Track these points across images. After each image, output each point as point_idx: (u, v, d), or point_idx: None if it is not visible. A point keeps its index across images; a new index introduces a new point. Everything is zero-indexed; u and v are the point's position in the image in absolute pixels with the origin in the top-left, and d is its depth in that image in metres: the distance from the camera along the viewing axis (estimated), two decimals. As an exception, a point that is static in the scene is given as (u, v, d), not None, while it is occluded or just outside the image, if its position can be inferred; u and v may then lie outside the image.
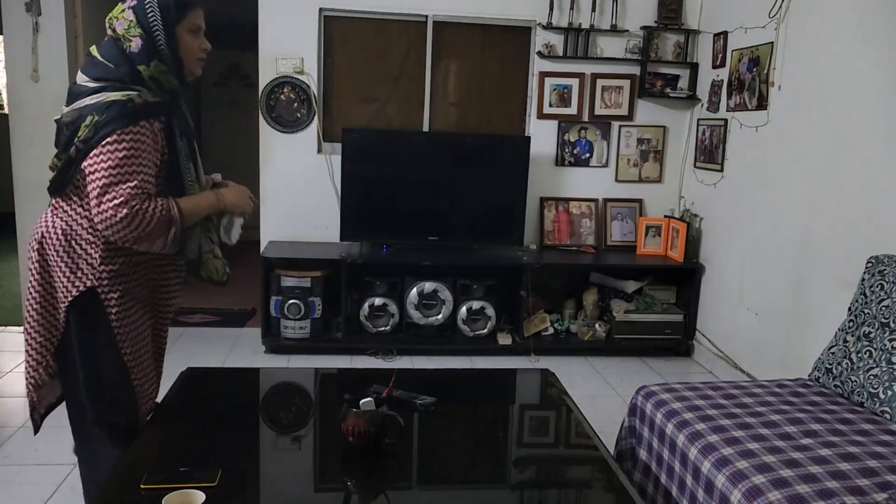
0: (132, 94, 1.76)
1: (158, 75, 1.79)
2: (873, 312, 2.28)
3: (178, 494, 1.46)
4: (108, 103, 1.74)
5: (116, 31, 1.81)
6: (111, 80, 1.78)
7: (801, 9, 3.26)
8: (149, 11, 1.76)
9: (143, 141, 1.75)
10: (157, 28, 1.77)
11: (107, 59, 1.81)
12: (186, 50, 1.81)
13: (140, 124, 1.74)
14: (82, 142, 1.75)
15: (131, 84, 1.77)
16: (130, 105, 1.74)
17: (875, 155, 2.76)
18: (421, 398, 2.08)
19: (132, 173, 1.71)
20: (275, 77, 4.14)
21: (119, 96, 1.74)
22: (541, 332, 4.13)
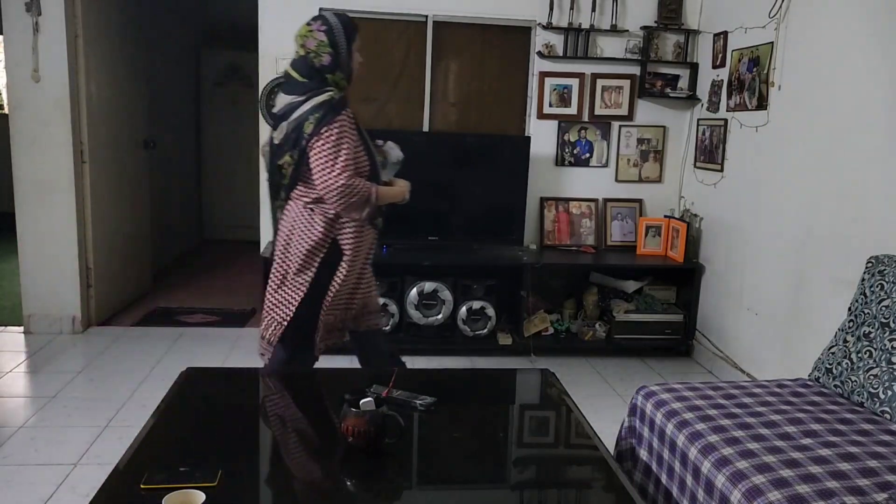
0: (331, 92, 2.40)
1: (339, 80, 2.45)
2: (873, 312, 2.28)
3: (178, 494, 1.46)
4: (319, 103, 2.37)
5: (307, 48, 2.42)
6: (308, 91, 2.40)
7: (801, 9, 3.26)
8: (337, 34, 2.42)
9: (348, 125, 2.38)
10: (343, 48, 2.43)
11: (303, 74, 2.44)
12: (354, 62, 2.50)
13: (343, 112, 2.38)
14: (309, 135, 2.36)
15: (321, 87, 2.40)
16: (335, 100, 2.38)
17: (875, 155, 2.76)
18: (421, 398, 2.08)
19: (345, 151, 2.34)
20: (275, 77, 4.14)
21: (325, 97, 2.38)
22: (541, 332, 4.13)
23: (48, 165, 3.96)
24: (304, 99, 2.40)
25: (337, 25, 2.42)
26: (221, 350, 3.97)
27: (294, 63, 2.47)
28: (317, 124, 2.34)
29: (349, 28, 2.44)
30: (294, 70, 2.45)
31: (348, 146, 2.35)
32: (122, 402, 3.22)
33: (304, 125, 2.37)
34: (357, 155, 2.41)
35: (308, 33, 2.42)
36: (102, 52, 4.24)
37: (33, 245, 4.05)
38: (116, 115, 4.46)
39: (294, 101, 2.42)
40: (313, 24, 2.43)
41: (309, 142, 2.35)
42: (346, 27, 2.43)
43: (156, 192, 5.33)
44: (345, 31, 2.42)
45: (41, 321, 4.11)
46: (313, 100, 2.37)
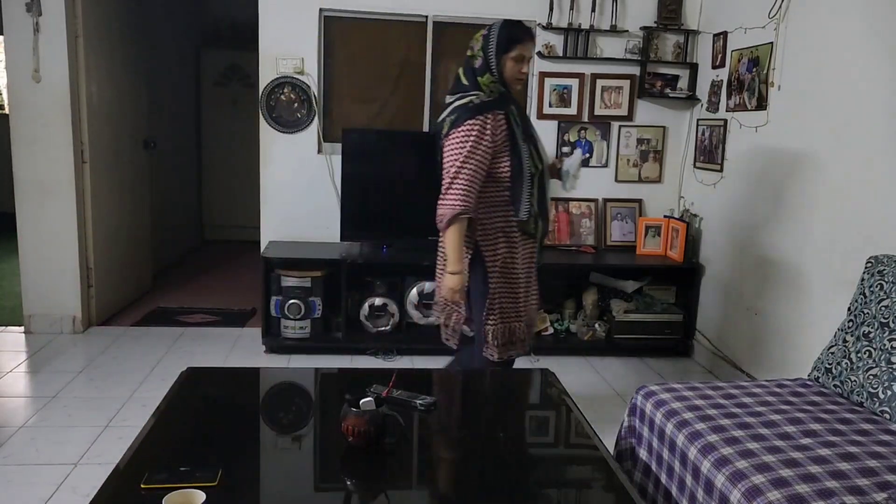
0: (472, 97, 2.46)
1: (489, 84, 2.49)
2: (873, 312, 2.28)
3: (178, 494, 1.46)
4: (456, 108, 2.47)
5: (473, 51, 2.53)
6: (460, 91, 2.50)
7: (800, 9, 3.26)
8: (490, 42, 2.48)
9: (478, 130, 2.40)
10: (492, 54, 2.48)
11: (463, 73, 2.54)
12: (508, 71, 2.50)
13: (476, 118, 2.41)
14: (443, 137, 2.47)
15: (473, 90, 2.48)
16: (470, 105, 2.44)
17: (875, 155, 2.76)
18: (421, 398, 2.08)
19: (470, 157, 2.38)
20: (275, 77, 4.14)
21: (465, 101, 2.46)
22: (541, 332, 4.13)
23: (48, 165, 3.97)
24: (452, 100, 2.50)
25: (494, 32, 2.49)
26: (221, 350, 3.97)
27: (463, 63, 2.57)
28: (449, 127, 2.43)
29: (503, 38, 2.47)
30: (461, 70, 2.56)
31: (477, 151, 2.39)
32: (123, 402, 3.22)
33: (443, 126, 2.48)
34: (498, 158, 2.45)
35: (476, 38, 2.54)
36: (103, 52, 4.24)
37: (33, 245, 4.05)
38: (116, 115, 4.46)
39: (446, 103, 2.54)
40: (482, 30, 2.55)
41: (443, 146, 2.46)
42: (500, 37, 2.47)
43: (156, 192, 5.34)
44: (497, 40, 2.46)
45: (41, 321, 4.11)
46: (456, 102, 2.47)
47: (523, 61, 2.51)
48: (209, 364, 3.61)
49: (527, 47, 2.51)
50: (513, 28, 2.51)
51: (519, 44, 2.48)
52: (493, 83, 2.48)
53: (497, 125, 2.44)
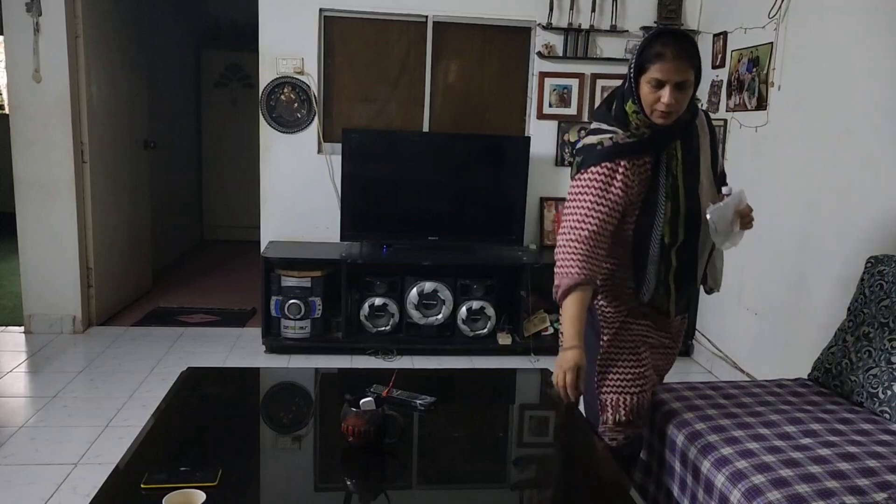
0: (604, 137, 1.91)
1: (631, 114, 1.90)
2: (873, 312, 2.28)
3: (179, 494, 1.46)
4: (584, 146, 1.94)
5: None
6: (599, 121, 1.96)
7: (800, 9, 3.26)
8: (633, 57, 1.89)
9: (604, 180, 1.88)
10: (632, 73, 1.88)
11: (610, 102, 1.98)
12: (644, 98, 1.87)
13: (603, 164, 1.88)
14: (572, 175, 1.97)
15: (616, 121, 1.92)
16: (599, 148, 1.90)
17: (875, 154, 2.76)
18: (421, 398, 2.08)
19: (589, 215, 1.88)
20: (275, 77, 4.14)
21: (593, 140, 1.92)
22: (541, 332, 4.13)
23: (48, 165, 3.97)
24: (587, 133, 1.99)
25: (641, 44, 1.88)
26: (221, 350, 3.97)
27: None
28: (576, 169, 1.95)
29: (639, 52, 1.87)
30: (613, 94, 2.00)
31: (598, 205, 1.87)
32: (123, 401, 3.22)
33: (573, 167, 1.99)
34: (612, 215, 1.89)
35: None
36: (103, 53, 4.24)
37: (34, 245, 4.05)
38: (116, 115, 4.46)
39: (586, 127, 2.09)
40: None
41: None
42: (638, 50, 1.88)
43: (156, 192, 5.33)
44: (635, 53, 1.88)
45: (42, 321, 4.11)
46: (587, 139, 1.95)
47: (662, 88, 1.83)
48: (209, 364, 3.61)
49: (663, 69, 1.81)
50: (654, 40, 1.85)
51: (654, 62, 1.82)
52: (635, 114, 1.89)
53: (635, 173, 1.89)
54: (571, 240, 1.89)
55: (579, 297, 1.90)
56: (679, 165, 1.95)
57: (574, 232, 1.88)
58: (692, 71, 1.85)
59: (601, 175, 1.88)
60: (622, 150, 1.89)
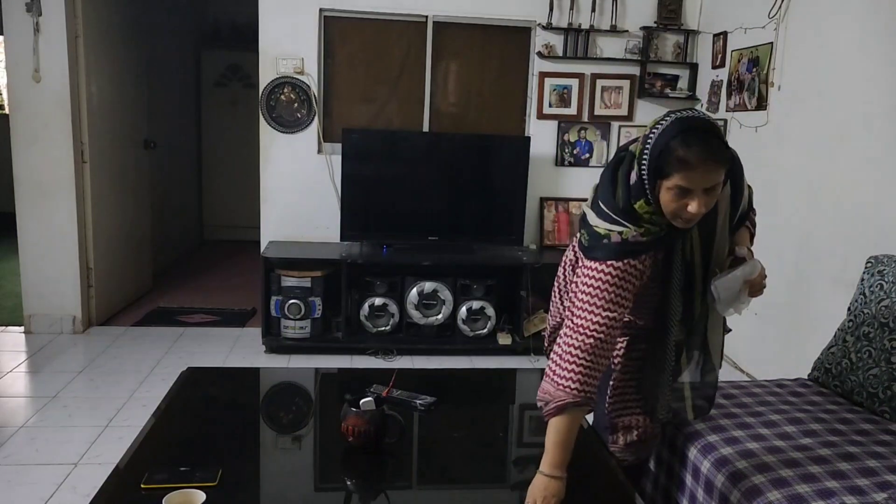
0: (612, 229, 1.63)
1: (643, 214, 1.62)
2: (873, 312, 2.28)
3: (179, 494, 1.47)
4: (595, 231, 1.66)
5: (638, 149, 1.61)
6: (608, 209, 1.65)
7: (800, 9, 3.26)
8: (652, 153, 1.56)
9: (618, 277, 1.62)
10: (646, 174, 1.58)
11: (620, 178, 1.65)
12: (665, 205, 1.58)
13: (620, 261, 1.62)
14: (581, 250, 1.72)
15: (624, 213, 1.63)
16: (605, 242, 1.63)
17: (874, 154, 2.76)
18: (421, 398, 2.08)
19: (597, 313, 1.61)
20: (275, 77, 4.14)
21: (602, 230, 1.64)
22: (541, 332, 4.12)
23: (48, 165, 3.97)
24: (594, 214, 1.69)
25: (653, 138, 1.56)
26: (221, 350, 3.97)
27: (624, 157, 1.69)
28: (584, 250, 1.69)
29: (657, 153, 1.54)
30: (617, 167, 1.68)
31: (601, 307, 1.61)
32: (123, 401, 3.22)
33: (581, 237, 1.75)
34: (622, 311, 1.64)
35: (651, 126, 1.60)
36: (102, 52, 4.24)
37: (34, 245, 4.05)
38: (116, 115, 4.46)
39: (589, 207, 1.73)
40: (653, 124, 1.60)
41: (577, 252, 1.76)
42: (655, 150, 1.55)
43: (156, 192, 5.33)
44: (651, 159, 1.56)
45: (42, 321, 4.11)
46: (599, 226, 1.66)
47: (688, 195, 1.54)
48: (209, 364, 3.61)
49: (690, 178, 1.51)
50: (674, 140, 1.51)
51: (678, 171, 1.51)
52: (649, 214, 1.61)
53: (647, 265, 1.66)
54: (575, 347, 1.61)
55: (572, 419, 1.63)
56: (695, 249, 1.72)
57: (579, 339, 1.61)
58: (723, 170, 1.56)
59: (615, 272, 1.62)
60: (633, 250, 1.62)
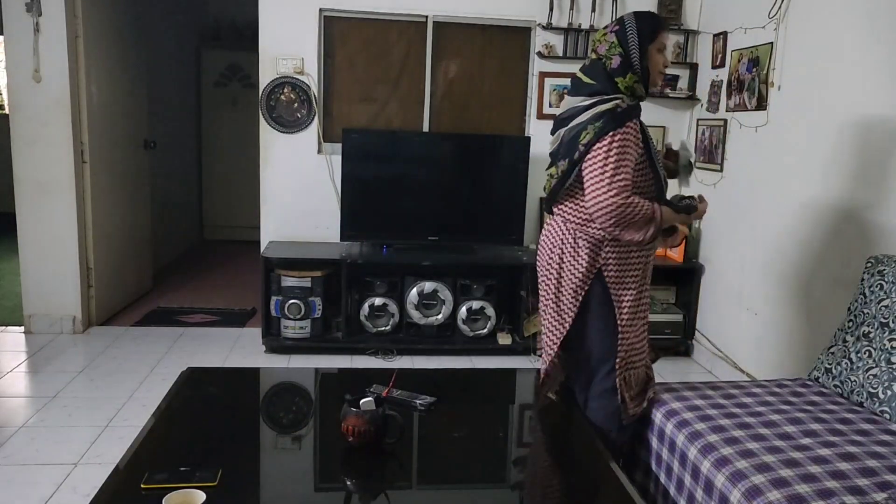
0: (616, 100, 2.13)
1: (632, 84, 2.16)
2: (873, 312, 2.28)
3: (179, 494, 1.47)
4: (600, 112, 2.12)
5: (599, 53, 2.22)
6: (598, 94, 2.16)
7: (800, 9, 3.26)
8: (629, 35, 2.15)
9: (629, 140, 2.09)
10: (634, 48, 2.15)
11: (591, 77, 2.20)
12: (654, 65, 2.20)
13: (626, 125, 2.09)
14: (584, 145, 2.10)
15: (612, 94, 2.15)
16: (619, 111, 2.11)
17: (875, 155, 2.76)
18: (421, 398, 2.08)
19: (623, 168, 2.06)
20: (275, 77, 4.14)
21: (608, 106, 2.12)
22: (541, 332, 4.12)
23: (48, 165, 3.97)
24: (588, 104, 2.17)
25: (631, 24, 2.16)
26: (221, 350, 3.97)
27: (584, 67, 2.25)
28: (595, 134, 2.08)
29: (646, 27, 2.16)
30: (583, 73, 2.23)
31: (628, 162, 2.08)
32: (123, 401, 3.22)
33: (580, 134, 2.12)
34: (639, 172, 2.16)
35: (602, 37, 2.22)
36: (102, 53, 4.24)
37: (34, 245, 4.05)
38: (116, 115, 4.46)
39: (577, 106, 2.20)
40: (608, 27, 2.23)
41: (584, 153, 2.10)
42: (641, 26, 2.16)
43: (156, 192, 5.33)
44: (639, 30, 2.15)
45: (42, 321, 4.11)
46: (597, 107, 2.13)
47: (664, 51, 2.23)
48: (209, 364, 3.61)
49: (666, 35, 2.25)
50: (651, 16, 2.22)
51: (662, 31, 2.21)
52: (635, 83, 2.17)
53: (639, 134, 2.15)
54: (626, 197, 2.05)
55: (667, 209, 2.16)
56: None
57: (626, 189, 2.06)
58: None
59: (631, 133, 2.10)
60: (629, 114, 2.12)
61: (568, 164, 2.15)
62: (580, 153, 2.11)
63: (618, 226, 2.06)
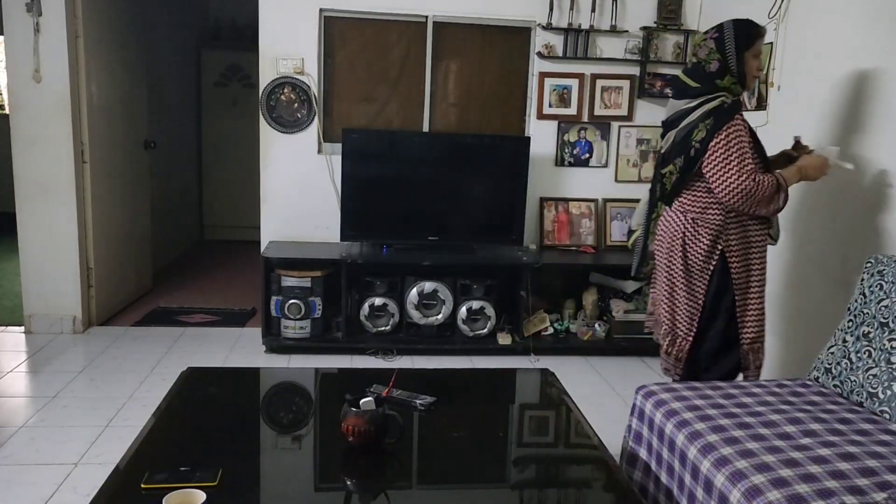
0: (722, 97, 2.43)
1: (730, 86, 2.45)
2: (872, 312, 2.28)
3: (179, 494, 1.47)
4: (709, 111, 2.41)
5: (699, 57, 2.49)
6: (702, 95, 2.45)
7: (800, 9, 3.26)
8: (727, 41, 2.42)
9: (742, 129, 2.39)
10: (731, 53, 2.43)
11: (694, 80, 2.49)
12: (749, 69, 2.47)
13: (735, 117, 2.38)
14: (699, 142, 2.40)
15: (715, 93, 2.44)
16: (726, 106, 2.41)
17: (875, 155, 2.76)
18: (421, 398, 2.08)
19: (745, 153, 2.36)
20: (275, 77, 4.14)
21: (715, 103, 2.42)
22: (540, 332, 4.13)
23: (49, 165, 3.97)
24: (694, 105, 2.46)
25: (729, 31, 2.43)
26: (221, 350, 3.97)
27: (686, 70, 2.55)
28: (708, 131, 2.38)
29: (743, 34, 2.44)
30: (685, 76, 2.52)
31: (746, 147, 2.37)
32: (123, 401, 3.22)
33: (693, 133, 2.42)
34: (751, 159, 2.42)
35: (701, 42, 2.49)
36: (103, 53, 4.24)
37: (34, 245, 4.05)
38: (117, 115, 4.46)
39: (684, 108, 2.49)
40: (708, 33, 2.49)
41: (700, 150, 2.40)
42: (739, 34, 2.43)
43: (156, 193, 5.33)
44: (736, 37, 2.42)
45: (42, 321, 4.11)
46: (704, 106, 2.42)
47: (759, 57, 2.50)
48: (209, 364, 3.61)
49: (762, 42, 2.50)
50: (749, 24, 2.48)
51: (759, 38, 2.47)
52: (733, 85, 2.46)
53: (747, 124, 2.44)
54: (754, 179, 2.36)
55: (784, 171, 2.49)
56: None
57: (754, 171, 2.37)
58: None
59: (741, 125, 2.38)
60: (736, 108, 2.41)
61: (684, 161, 2.45)
62: (696, 150, 2.40)
63: (753, 205, 2.38)
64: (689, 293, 2.54)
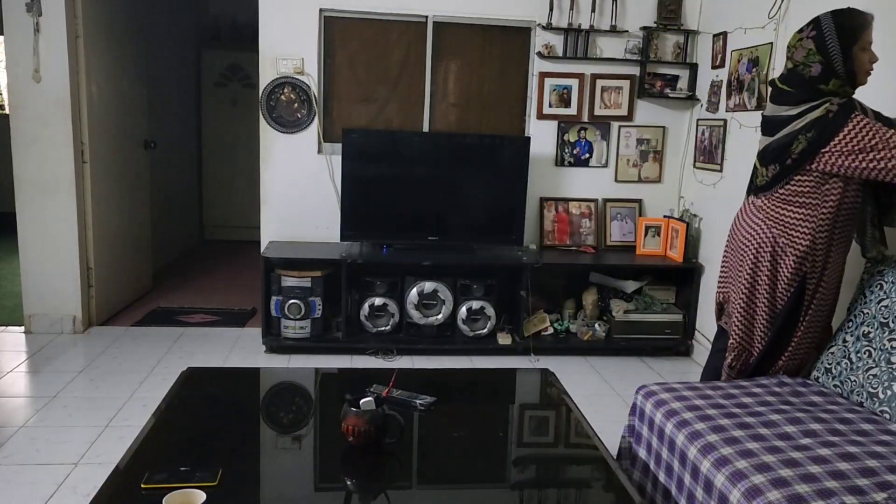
0: (825, 104, 2.14)
1: (836, 89, 2.16)
2: (872, 312, 2.28)
3: (179, 494, 1.47)
4: (811, 123, 2.15)
5: (795, 59, 2.21)
6: (798, 103, 2.20)
7: (800, 9, 3.26)
8: (828, 40, 2.12)
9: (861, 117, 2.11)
10: (836, 53, 2.12)
11: (791, 86, 2.23)
12: (860, 66, 2.16)
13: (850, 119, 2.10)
14: (798, 153, 2.18)
15: (818, 100, 2.16)
16: (831, 115, 2.12)
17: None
18: (421, 398, 2.08)
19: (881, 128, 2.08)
20: (275, 77, 4.14)
21: (818, 113, 2.14)
22: (540, 332, 4.13)
23: (49, 165, 3.97)
24: (796, 114, 2.20)
25: (829, 27, 2.12)
26: (221, 350, 3.97)
27: (782, 76, 2.28)
28: (809, 145, 2.14)
29: (846, 27, 2.12)
30: (782, 84, 2.27)
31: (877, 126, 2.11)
32: (123, 401, 3.22)
33: (792, 143, 2.19)
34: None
35: (797, 43, 2.20)
36: (103, 52, 4.24)
37: (34, 245, 4.05)
38: (117, 115, 4.46)
39: (783, 115, 2.24)
40: (804, 31, 2.19)
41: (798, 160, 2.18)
42: (841, 28, 2.11)
43: (156, 193, 5.33)
44: (839, 32, 2.11)
45: (42, 321, 4.11)
46: (807, 116, 2.16)
47: (869, 48, 2.16)
48: (209, 364, 3.62)
49: (870, 32, 2.16)
50: (852, 14, 2.14)
51: (867, 28, 2.14)
52: (840, 88, 2.17)
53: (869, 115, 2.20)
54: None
55: None
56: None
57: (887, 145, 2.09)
58: None
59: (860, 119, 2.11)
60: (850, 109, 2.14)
61: (778, 170, 2.25)
62: (794, 160, 2.19)
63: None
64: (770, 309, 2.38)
